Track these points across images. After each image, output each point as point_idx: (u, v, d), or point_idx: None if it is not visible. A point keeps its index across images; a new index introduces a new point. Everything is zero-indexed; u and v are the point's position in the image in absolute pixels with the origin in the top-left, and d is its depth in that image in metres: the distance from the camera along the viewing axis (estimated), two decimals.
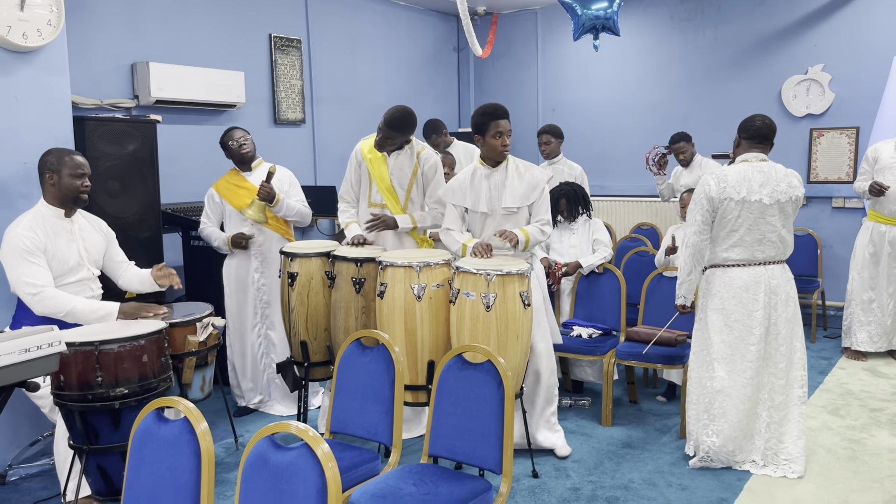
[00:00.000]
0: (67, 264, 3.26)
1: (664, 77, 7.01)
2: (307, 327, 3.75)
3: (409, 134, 3.87)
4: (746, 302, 3.45)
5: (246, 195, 4.27)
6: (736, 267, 3.48)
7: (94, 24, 4.71)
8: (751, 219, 3.41)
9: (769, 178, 3.42)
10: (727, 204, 3.40)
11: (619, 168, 7.21)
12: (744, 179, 3.40)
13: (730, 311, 3.47)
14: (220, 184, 4.37)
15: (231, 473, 3.57)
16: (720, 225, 3.46)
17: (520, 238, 3.53)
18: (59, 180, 3.24)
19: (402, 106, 3.85)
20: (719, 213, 3.44)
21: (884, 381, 4.76)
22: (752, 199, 3.39)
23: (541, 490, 3.34)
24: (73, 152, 3.30)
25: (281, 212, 4.25)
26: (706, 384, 3.53)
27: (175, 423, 2.05)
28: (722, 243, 3.47)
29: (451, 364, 2.71)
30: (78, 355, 2.76)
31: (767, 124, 3.51)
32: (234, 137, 4.29)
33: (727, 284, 3.48)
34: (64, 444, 3.08)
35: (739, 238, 3.43)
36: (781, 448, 3.48)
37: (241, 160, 4.33)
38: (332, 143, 6.48)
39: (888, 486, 3.29)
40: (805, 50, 6.28)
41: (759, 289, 3.45)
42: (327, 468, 1.80)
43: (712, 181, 3.43)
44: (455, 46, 8.02)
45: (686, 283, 3.59)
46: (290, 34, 6.05)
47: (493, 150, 3.61)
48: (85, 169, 3.31)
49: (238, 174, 4.37)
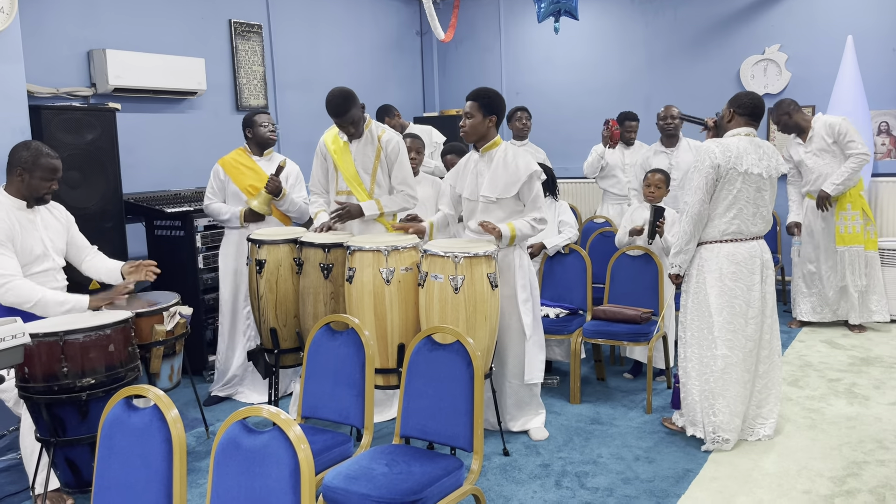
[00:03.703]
0: (33, 254, 3.21)
1: (626, 59, 7.08)
2: (276, 314, 3.74)
3: (350, 112, 3.78)
4: (745, 276, 3.47)
5: (251, 176, 4.27)
6: (733, 242, 3.49)
7: (48, 11, 4.60)
8: (750, 192, 3.44)
9: (764, 152, 3.48)
10: (731, 174, 3.40)
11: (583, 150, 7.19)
12: (745, 152, 3.42)
13: (730, 286, 3.47)
14: (227, 160, 4.35)
15: (203, 462, 3.56)
16: (721, 197, 3.44)
17: (504, 232, 3.50)
18: (28, 180, 3.19)
19: (334, 89, 3.80)
20: (722, 184, 3.42)
21: (841, 352, 4.91)
22: (753, 171, 3.42)
23: (511, 467, 3.40)
24: (50, 154, 3.24)
25: (284, 206, 4.29)
26: (709, 363, 3.50)
27: (145, 410, 2.04)
28: (721, 216, 3.46)
29: (421, 346, 2.74)
30: (42, 346, 2.73)
31: (761, 102, 3.55)
32: (264, 121, 4.33)
33: (727, 259, 3.47)
34: (31, 438, 3.04)
35: (738, 211, 3.45)
36: (759, 413, 3.58)
37: (264, 144, 4.36)
38: (296, 128, 6.43)
39: (846, 453, 3.41)
40: (762, 30, 6.40)
41: (756, 263, 3.50)
42: (300, 450, 1.81)
43: (717, 150, 3.40)
44: (418, 30, 8.00)
45: (684, 252, 3.54)
46: (250, 19, 5.97)
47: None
48: (58, 174, 3.26)
49: (247, 155, 4.36)
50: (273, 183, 4.16)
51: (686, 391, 3.63)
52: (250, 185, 4.27)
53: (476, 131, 3.65)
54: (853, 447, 3.47)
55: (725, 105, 3.62)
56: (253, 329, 4.34)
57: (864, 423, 3.74)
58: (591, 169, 5.84)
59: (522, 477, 3.31)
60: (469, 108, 3.63)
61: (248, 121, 4.34)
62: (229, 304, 4.34)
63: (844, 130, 5.13)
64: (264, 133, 4.31)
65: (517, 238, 3.56)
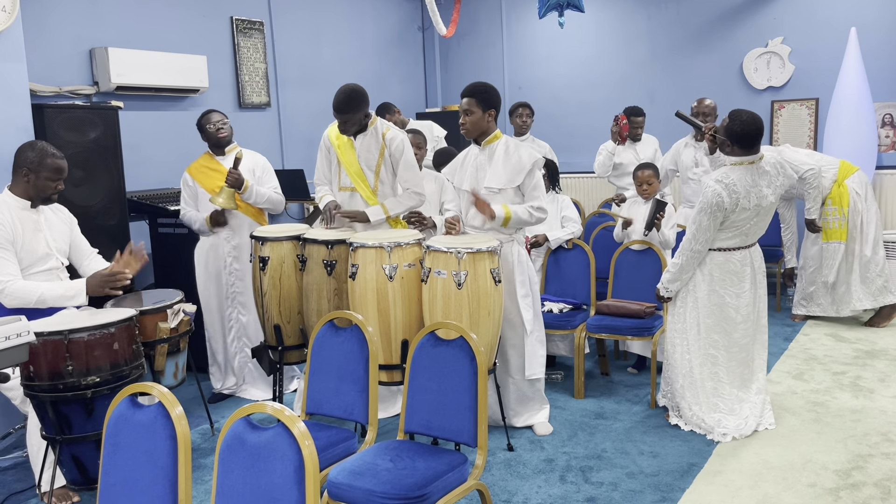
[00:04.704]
0: (36, 254, 3.22)
1: (629, 53, 7.06)
2: (280, 311, 3.75)
3: (359, 111, 3.76)
4: (735, 284, 3.51)
5: (218, 178, 4.24)
6: (728, 251, 3.52)
7: (50, 10, 4.60)
8: (751, 216, 3.45)
9: (771, 177, 3.45)
10: (738, 211, 3.40)
11: (586, 144, 7.24)
12: (751, 186, 3.38)
13: (719, 293, 3.52)
14: (194, 167, 4.35)
15: (208, 459, 3.57)
16: (725, 226, 3.46)
17: (497, 213, 3.50)
18: (35, 181, 3.20)
19: (344, 86, 3.77)
20: (728, 219, 3.42)
21: (846, 345, 4.90)
22: (763, 204, 3.43)
23: (516, 462, 3.40)
24: (56, 155, 3.24)
25: (251, 199, 4.24)
26: (691, 363, 3.58)
27: (150, 408, 2.05)
28: (723, 233, 3.48)
29: (425, 341, 2.74)
30: (47, 345, 2.74)
31: (755, 125, 3.38)
32: (212, 121, 4.27)
33: (718, 268, 3.51)
34: (37, 436, 3.06)
35: (738, 230, 3.48)
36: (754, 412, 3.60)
37: (218, 144, 4.32)
38: (299, 126, 6.43)
39: (850, 446, 3.41)
40: (765, 23, 6.37)
41: (746, 271, 3.53)
42: (304, 446, 1.82)
43: (723, 192, 3.35)
44: (419, 26, 7.98)
45: (679, 281, 3.59)
46: (251, 17, 5.97)
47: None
48: (63, 174, 3.27)
49: (212, 157, 4.35)
50: (231, 176, 4.10)
51: (669, 381, 3.76)
52: (217, 186, 4.22)
53: (477, 127, 3.65)
54: (858, 440, 3.46)
55: (722, 125, 3.53)
56: (236, 330, 4.35)
57: (868, 416, 3.73)
58: (602, 168, 5.75)
59: (527, 472, 3.31)
60: (467, 105, 3.62)
61: (198, 125, 4.30)
62: (214, 308, 4.35)
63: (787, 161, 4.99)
64: (213, 132, 4.26)
65: (512, 221, 3.54)
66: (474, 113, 3.62)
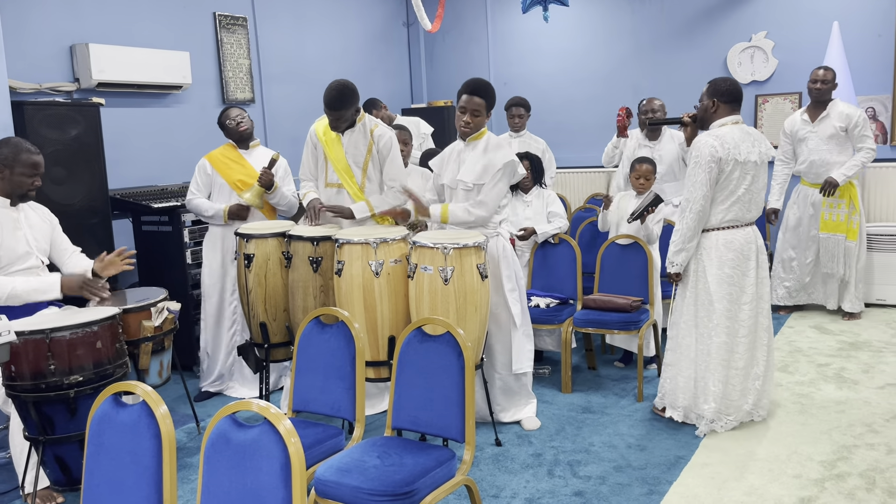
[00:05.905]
0: (16, 252, 3.19)
1: (613, 48, 7.07)
2: (266, 308, 3.73)
3: (351, 107, 3.76)
4: (741, 263, 3.48)
5: (240, 171, 4.26)
6: (730, 229, 3.49)
7: (30, 5, 4.53)
8: (748, 179, 3.44)
9: (755, 139, 3.48)
10: (731, 165, 3.39)
11: (571, 140, 7.26)
12: (740, 141, 3.41)
13: (728, 273, 3.48)
14: (215, 155, 4.34)
15: (194, 458, 3.55)
16: (721, 187, 3.44)
17: (433, 212, 3.59)
18: (10, 176, 3.17)
19: (335, 81, 3.76)
20: (723, 175, 3.42)
21: (830, 337, 4.94)
22: (751, 159, 3.43)
23: (504, 457, 3.40)
24: (31, 150, 3.22)
25: (275, 199, 4.29)
26: (707, 351, 3.51)
27: (133, 407, 2.02)
28: (720, 205, 3.46)
29: (412, 337, 2.73)
30: (29, 344, 2.70)
31: (739, 85, 3.54)
32: (231, 116, 4.31)
33: (725, 247, 3.47)
34: (19, 436, 3.02)
35: (736, 199, 3.45)
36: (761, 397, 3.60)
37: (240, 138, 4.34)
38: (284, 121, 6.39)
39: (835, 437, 3.43)
40: (748, 17, 6.40)
41: (751, 248, 3.51)
42: (290, 444, 1.80)
43: (716, 143, 3.37)
44: (404, 21, 7.95)
45: (686, 250, 3.50)
46: (234, 12, 5.92)
47: (456, 124, 3.66)
48: (39, 169, 3.24)
49: (235, 150, 4.36)
50: (266, 176, 4.16)
51: (670, 376, 3.66)
52: (239, 180, 4.25)
53: (480, 128, 3.65)
54: (843, 431, 3.49)
55: (704, 95, 3.56)
56: (238, 324, 4.33)
57: (853, 408, 3.76)
58: (606, 158, 5.58)
59: (515, 467, 3.31)
60: (476, 106, 3.59)
61: (219, 123, 4.36)
62: (214, 300, 4.32)
63: (862, 123, 5.13)
64: (233, 127, 4.30)
65: (449, 221, 3.58)
66: (481, 115, 3.62)
